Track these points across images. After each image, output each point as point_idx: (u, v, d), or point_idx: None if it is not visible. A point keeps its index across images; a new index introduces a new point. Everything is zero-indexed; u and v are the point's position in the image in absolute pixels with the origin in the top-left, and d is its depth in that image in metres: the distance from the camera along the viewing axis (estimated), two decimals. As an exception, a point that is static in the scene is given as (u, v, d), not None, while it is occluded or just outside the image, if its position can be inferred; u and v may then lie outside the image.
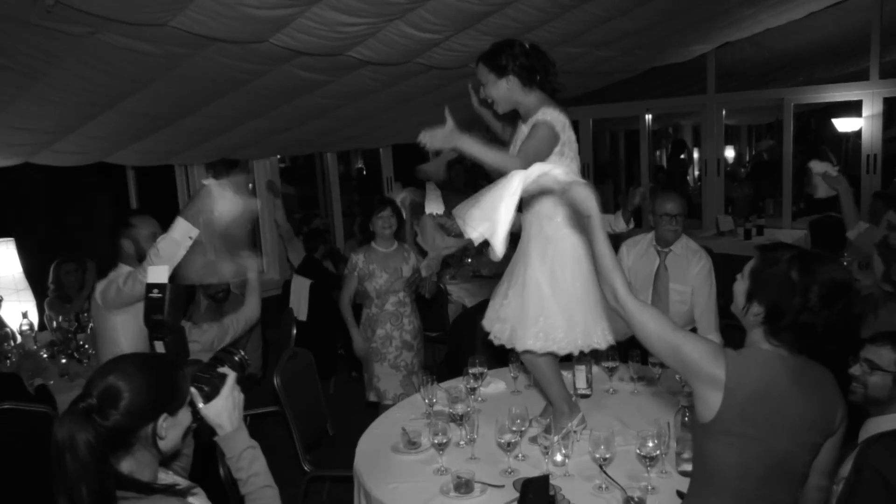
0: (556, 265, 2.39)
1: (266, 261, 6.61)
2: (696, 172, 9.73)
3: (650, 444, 2.06)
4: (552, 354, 2.41)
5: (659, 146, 10.68)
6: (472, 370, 2.86)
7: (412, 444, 2.45)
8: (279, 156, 6.72)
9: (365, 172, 9.67)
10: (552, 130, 2.29)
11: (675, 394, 2.68)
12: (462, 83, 2.83)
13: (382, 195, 6.66)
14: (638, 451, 2.09)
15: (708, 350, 1.60)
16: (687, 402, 2.30)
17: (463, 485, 2.10)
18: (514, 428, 2.22)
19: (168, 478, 1.53)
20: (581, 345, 2.39)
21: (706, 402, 1.60)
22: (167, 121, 4.24)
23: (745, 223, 6.74)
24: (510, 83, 2.37)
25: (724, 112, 7.31)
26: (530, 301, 2.40)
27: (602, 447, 2.08)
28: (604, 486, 2.09)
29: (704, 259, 3.35)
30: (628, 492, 2.03)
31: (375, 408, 3.75)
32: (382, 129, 6.23)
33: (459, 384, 2.90)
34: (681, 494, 1.98)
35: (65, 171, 4.70)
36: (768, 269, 1.62)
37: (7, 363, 3.82)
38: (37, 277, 4.81)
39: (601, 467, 2.10)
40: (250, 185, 6.33)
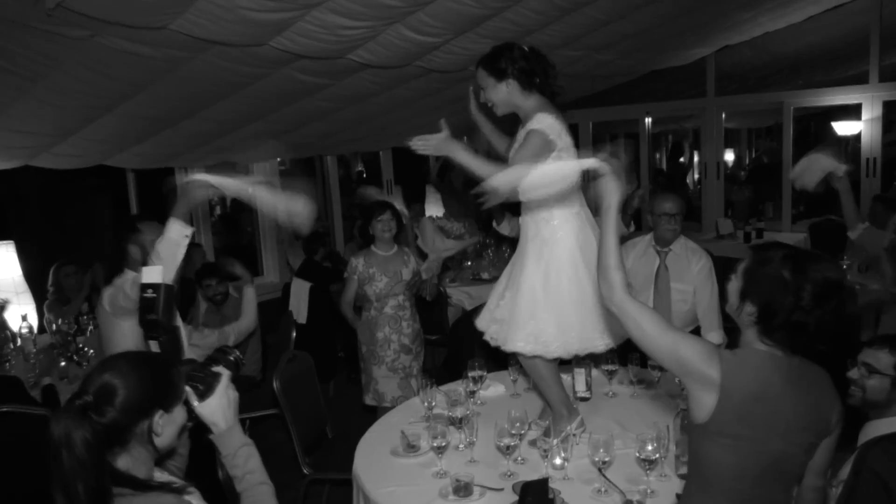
0: (552, 268, 2.38)
1: (266, 264, 6.61)
2: (696, 175, 9.74)
3: (649, 448, 2.05)
4: (541, 357, 2.41)
5: (658, 149, 10.69)
6: (472, 373, 2.85)
7: (411, 448, 2.44)
8: (279, 158, 6.72)
9: (365, 175, 9.67)
10: (545, 139, 2.28)
11: (675, 397, 2.68)
12: (462, 86, 2.83)
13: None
14: (637, 455, 2.09)
15: (703, 351, 1.60)
16: (686, 406, 2.30)
17: (462, 488, 2.10)
18: (514, 431, 2.21)
19: (163, 477, 1.54)
20: (577, 349, 2.39)
21: (701, 403, 1.60)
22: (167, 124, 4.24)
23: (745, 226, 6.75)
24: (510, 87, 2.37)
25: (724, 115, 7.32)
26: (523, 303, 2.39)
27: (601, 450, 2.07)
28: (603, 490, 2.09)
29: (705, 258, 3.35)
30: (628, 495, 2.03)
31: (374, 411, 3.74)
32: (382, 132, 6.22)
33: (459, 387, 2.90)
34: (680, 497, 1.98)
35: (64, 174, 4.70)
36: (761, 269, 1.62)
37: (6, 366, 3.81)
38: (36, 280, 4.80)
39: (600, 471, 2.10)
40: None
